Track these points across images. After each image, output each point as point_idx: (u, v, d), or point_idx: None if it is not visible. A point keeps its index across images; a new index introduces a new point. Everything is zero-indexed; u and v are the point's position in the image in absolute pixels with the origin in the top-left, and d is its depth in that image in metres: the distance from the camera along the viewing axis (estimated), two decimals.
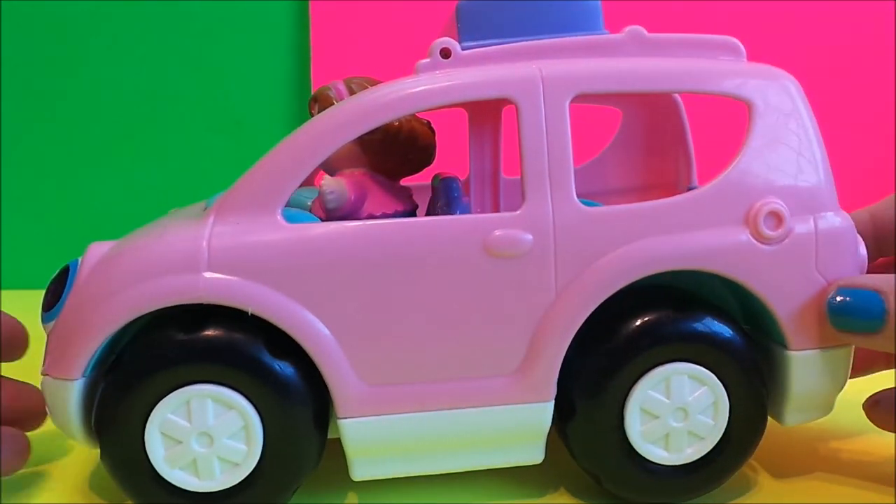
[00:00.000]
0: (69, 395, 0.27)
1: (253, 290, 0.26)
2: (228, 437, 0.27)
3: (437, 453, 0.29)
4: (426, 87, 0.28)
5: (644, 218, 0.28)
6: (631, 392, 0.28)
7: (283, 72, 0.68)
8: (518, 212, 0.28)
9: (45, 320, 0.28)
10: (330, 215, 0.29)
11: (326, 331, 0.27)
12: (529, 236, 0.27)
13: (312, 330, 0.27)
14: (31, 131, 0.67)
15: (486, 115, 0.39)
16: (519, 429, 0.28)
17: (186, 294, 0.26)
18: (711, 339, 0.28)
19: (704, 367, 0.28)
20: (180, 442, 0.27)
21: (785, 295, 0.29)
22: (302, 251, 0.27)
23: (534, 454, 0.29)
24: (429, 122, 0.34)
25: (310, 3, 0.66)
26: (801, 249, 0.29)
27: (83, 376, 0.27)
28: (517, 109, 0.28)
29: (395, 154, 0.32)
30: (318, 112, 0.31)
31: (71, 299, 0.27)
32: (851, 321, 0.27)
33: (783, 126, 0.29)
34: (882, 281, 0.27)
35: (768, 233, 0.28)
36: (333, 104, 0.31)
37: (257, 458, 0.27)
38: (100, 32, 0.66)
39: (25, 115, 0.67)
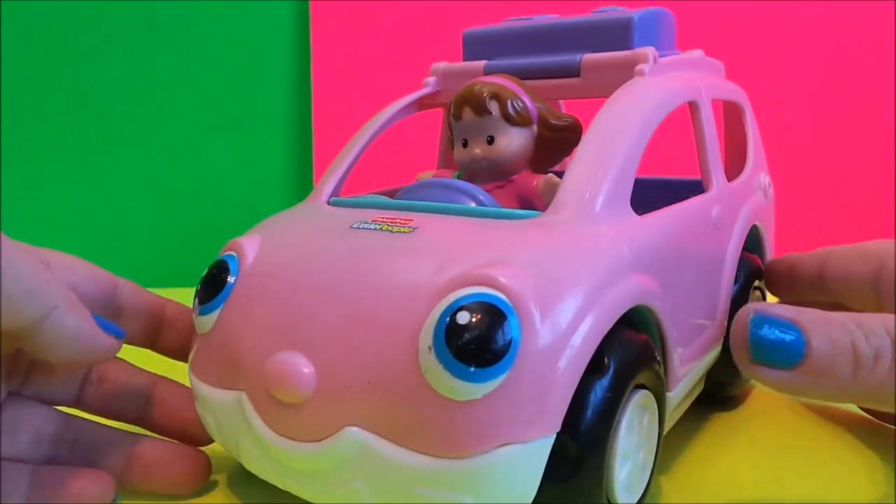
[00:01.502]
0: (542, 456, 0.22)
1: (656, 287, 0.26)
2: (648, 438, 0.26)
3: (684, 403, 0.33)
4: (684, 85, 0.33)
5: (741, 190, 0.37)
6: None
7: (283, 72, 0.68)
8: (713, 191, 0.34)
9: (478, 379, 0.21)
10: None
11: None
12: (721, 209, 0.33)
13: (669, 315, 0.27)
14: (31, 131, 0.64)
15: None
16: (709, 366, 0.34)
17: (634, 301, 0.24)
18: None
19: None
20: (629, 458, 0.25)
21: (769, 229, 0.41)
22: (661, 241, 0.28)
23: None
24: None
25: (310, 3, 0.66)
26: (770, 200, 0.41)
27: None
28: (698, 109, 0.34)
29: (562, 149, 0.33)
30: (495, 111, 0.31)
31: (525, 346, 0.21)
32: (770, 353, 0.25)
33: (753, 122, 0.41)
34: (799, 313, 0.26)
35: (769, 193, 0.40)
36: (485, 101, 0.31)
37: (654, 454, 0.27)
38: (99, 32, 0.64)
39: (25, 115, 0.64)
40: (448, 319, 0.21)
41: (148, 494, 0.30)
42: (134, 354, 0.32)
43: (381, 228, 0.26)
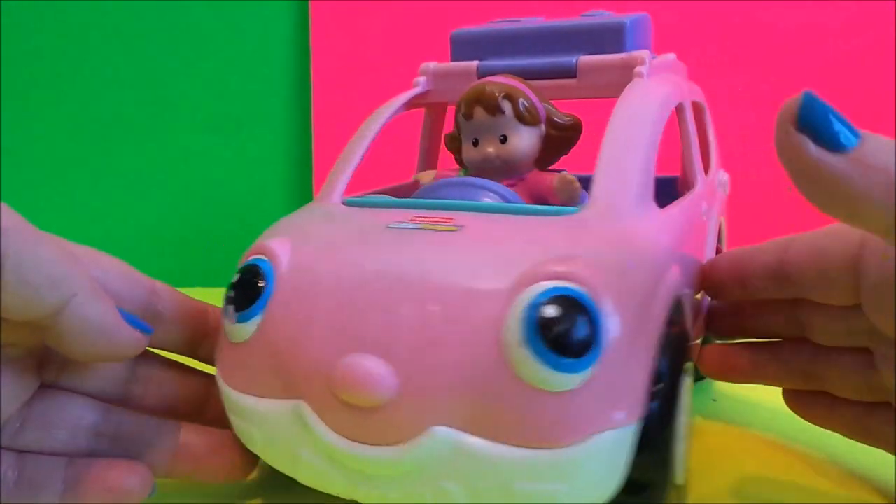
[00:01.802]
0: (630, 441, 0.22)
1: (684, 278, 0.27)
2: (688, 421, 0.27)
3: None
4: (674, 87, 0.33)
5: (712, 186, 0.39)
6: None
7: (283, 72, 0.68)
8: (700, 188, 0.35)
9: (573, 369, 0.21)
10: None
11: None
12: (707, 204, 0.35)
13: (688, 306, 0.28)
14: (31, 131, 0.65)
15: (439, 114, 0.42)
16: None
17: (678, 291, 0.25)
18: None
19: None
20: (682, 439, 0.26)
21: (725, 225, 0.43)
22: (682, 235, 0.29)
23: None
24: None
25: (310, 3, 0.66)
26: (727, 195, 0.43)
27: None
28: (683, 110, 0.34)
29: (563, 147, 0.34)
30: (508, 111, 0.31)
31: (609, 335, 0.22)
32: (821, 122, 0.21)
33: (710, 120, 0.42)
34: None
35: (727, 189, 0.43)
36: (498, 100, 0.31)
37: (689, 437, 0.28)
38: (99, 32, 0.64)
39: (25, 115, 0.64)
40: (536, 314, 0.21)
41: (185, 489, 0.29)
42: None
43: (422, 227, 0.26)
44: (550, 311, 0.21)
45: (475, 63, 0.36)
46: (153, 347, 0.29)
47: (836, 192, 0.20)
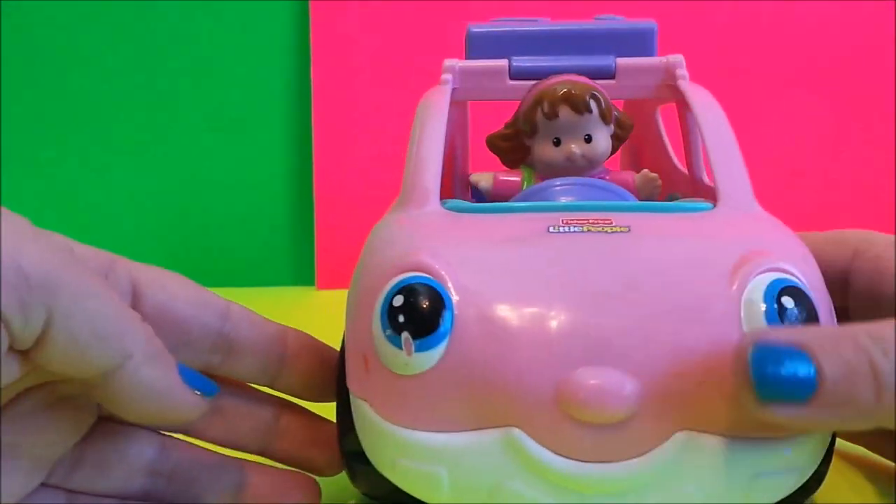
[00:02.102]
0: None
1: None
2: None
3: None
4: None
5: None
6: None
7: (283, 72, 0.68)
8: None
9: None
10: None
11: None
12: None
13: None
14: (29, 131, 0.64)
15: None
16: None
17: None
18: None
19: None
20: None
21: None
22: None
23: None
24: None
25: (310, 3, 0.66)
26: None
27: None
28: None
29: (618, 146, 0.34)
30: (595, 110, 0.32)
31: (824, 318, 0.24)
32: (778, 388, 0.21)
33: None
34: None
35: None
36: (587, 99, 0.32)
37: None
38: (99, 32, 0.64)
39: (24, 115, 0.64)
40: (775, 305, 0.22)
41: None
42: None
43: (587, 230, 0.25)
44: (787, 301, 0.22)
45: (504, 62, 0.35)
46: (224, 376, 0.26)
47: (824, 428, 0.22)
